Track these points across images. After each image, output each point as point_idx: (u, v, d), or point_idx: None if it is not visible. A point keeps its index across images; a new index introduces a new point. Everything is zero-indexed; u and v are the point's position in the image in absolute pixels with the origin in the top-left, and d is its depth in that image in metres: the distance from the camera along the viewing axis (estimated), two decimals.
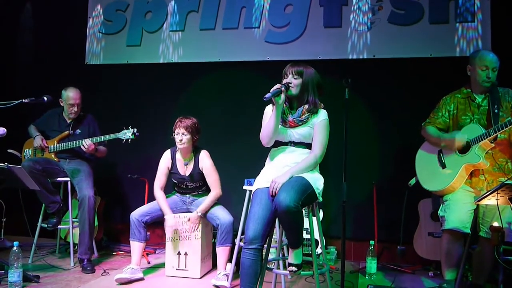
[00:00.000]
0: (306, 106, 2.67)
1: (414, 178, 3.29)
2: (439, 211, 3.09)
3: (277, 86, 2.58)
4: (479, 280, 3.09)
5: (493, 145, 2.93)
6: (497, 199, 2.55)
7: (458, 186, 2.99)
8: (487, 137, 2.87)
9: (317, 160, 2.66)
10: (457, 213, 2.91)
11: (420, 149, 3.30)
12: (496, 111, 2.95)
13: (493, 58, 3.00)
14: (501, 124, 2.81)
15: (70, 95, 3.97)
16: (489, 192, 2.50)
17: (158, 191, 3.68)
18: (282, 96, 2.57)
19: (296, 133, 2.68)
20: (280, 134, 2.69)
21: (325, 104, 2.78)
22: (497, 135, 2.89)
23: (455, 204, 2.95)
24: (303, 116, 2.66)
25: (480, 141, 2.90)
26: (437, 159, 3.13)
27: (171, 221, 3.58)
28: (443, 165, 3.08)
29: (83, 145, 3.85)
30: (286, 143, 2.71)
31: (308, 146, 2.69)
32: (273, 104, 2.64)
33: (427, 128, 3.19)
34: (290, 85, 2.63)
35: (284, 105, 2.67)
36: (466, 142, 2.96)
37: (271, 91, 2.54)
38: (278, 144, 2.73)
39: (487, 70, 2.98)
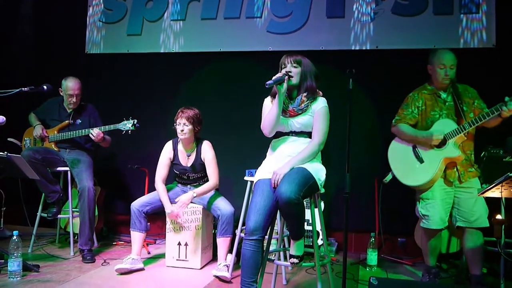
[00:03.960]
0: (305, 94, 2.66)
1: (390, 174, 3.37)
2: (420, 209, 3.20)
3: (279, 74, 2.58)
4: (476, 270, 3.10)
5: (465, 138, 3.09)
6: (501, 192, 2.54)
7: (437, 179, 3.12)
8: (462, 131, 3.03)
9: (318, 147, 2.64)
10: (440, 213, 3.11)
11: (391, 146, 3.35)
12: (461, 106, 3.12)
13: (450, 56, 3.15)
14: (476, 117, 2.99)
15: (69, 85, 3.94)
16: (494, 185, 2.49)
17: (159, 184, 3.65)
18: (284, 85, 2.57)
19: (296, 123, 2.67)
20: (281, 124, 2.67)
21: (327, 95, 2.76)
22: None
23: (437, 204, 3.13)
24: (303, 105, 2.65)
25: (456, 135, 3.05)
26: (413, 155, 3.22)
27: (173, 213, 3.56)
28: (421, 160, 3.18)
29: (91, 134, 3.82)
30: (287, 133, 2.69)
31: (310, 135, 2.68)
32: (272, 96, 2.64)
33: (400, 126, 3.27)
34: (290, 73, 2.61)
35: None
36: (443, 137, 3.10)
37: (273, 78, 2.54)
38: (279, 134, 2.71)
39: (445, 68, 3.13)
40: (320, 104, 2.68)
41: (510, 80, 3.73)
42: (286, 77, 2.58)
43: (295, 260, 2.60)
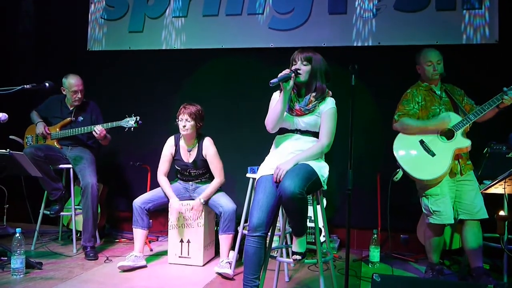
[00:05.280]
0: (314, 94, 2.63)
1: (400, 172, 3.30)
2: (430, 205, 3.17)
3: (286, 71, 2.55)
4: (478, 262, 3.11)
5: (468, 129, 3.18)
6: (504, 188, 2.54)
7: (449, 171, 3.14)
8: (468, 122, 3.09)
9: (323, 149, 2.62)
10: (450, 208, 3.12)
11: (397, 143, 3.31)
12: (456, 102, 3.22)
13: (435, 52, 3.27)
14: (479, 108, 3.08)
15: (73, 82, 3.94)
16: (497, 181, 2.49)
17: (161, 177, 3.68)
18: (291, 82, 2.54)
19: (302, 122, 2.64)
20: (287, 121, 2.65)
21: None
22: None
23: (447, 199, 3.13)
24: (310, 105, 2.62)
25: (463, 126, 3.10)
26: (423, 149, 3.20)
27: (175, 204, 3.58)
28: (432, 154, 3.16)
29: (95, 131, 3.82)
30: (292, 131, 2.67)
31: (315, 134, 2.65)
32: (281, 90, 2.61)
33: (405, 120, 3.26)
34: (299, 71, 2.59)
35: (292, 92, 2.64)
36: (448, 129, 3.15)
37: (279, 76, 2.51)
38: (283, 131, 2.69)
39: (432, 64, 3.24)
40: (329, 105, 2.65)
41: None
42: (293, 74, 2.55)
43: (298, 257, 2.59)
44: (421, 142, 3.21)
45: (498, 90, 3.03)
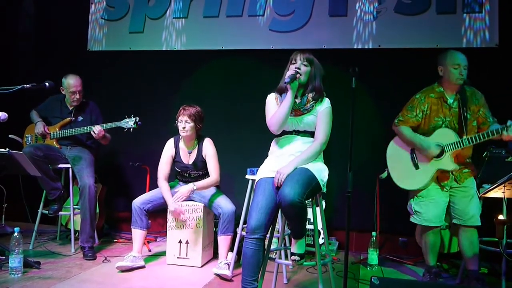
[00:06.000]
0: (311, 94, 2.65)
1: (386, 171, 3.40)
2: (413, 205, 3.24)
3: (292, 71, 2.58)
4: (473, 266, 3.13)
5: (462, 150, 3.13)
6: (503, 192, 2.54)
7: (429, 185, 3.17)
8: (460, 147, 3.05)
9: (321, 148, 2.65)
10: (434, 210, 3.15)
11: (391, 145, 3.39)
12: (465, 114, 3.11)
13: (463, 56, 3.14)
14: (478, 136, 3.01)
15: (71, 82, 3.94)
16: (496, 185, 2.49)
17: (162, 182, 3.64)
18: (297, 82, 2.58)
19: (301, 122, 2.66)
20: None
21: (329, 94, 2.76)
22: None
23: (431, 203, 3.16)
24: (308, 104, 2.64)
25: (454, 149, 3.07)
26: (410, 158, 3.26)
27: (172, 207, 3.56)
28: (416, 166, 3.22)
29: (93, 131, 3.82)
30: (290, 132, 2.69)
31: (313, 134, 2.68)
32: (278, 92, 2.65)
33: (402, 128, 3.29)
34: (299, 71, 2.60)
35: None
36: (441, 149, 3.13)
37: (288, 76, 2.55)
38: (282, 133, 2.71)
39: (459, 68, 3.10)
40: (325, 104, 2.68)
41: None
42: (298, 74, 2.58)
43: (297, 258, 2.60)
44: (412, 150, 3.26)
45: (498, 94, 3.02)
